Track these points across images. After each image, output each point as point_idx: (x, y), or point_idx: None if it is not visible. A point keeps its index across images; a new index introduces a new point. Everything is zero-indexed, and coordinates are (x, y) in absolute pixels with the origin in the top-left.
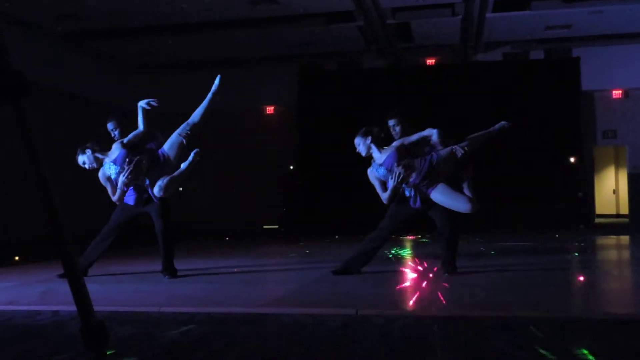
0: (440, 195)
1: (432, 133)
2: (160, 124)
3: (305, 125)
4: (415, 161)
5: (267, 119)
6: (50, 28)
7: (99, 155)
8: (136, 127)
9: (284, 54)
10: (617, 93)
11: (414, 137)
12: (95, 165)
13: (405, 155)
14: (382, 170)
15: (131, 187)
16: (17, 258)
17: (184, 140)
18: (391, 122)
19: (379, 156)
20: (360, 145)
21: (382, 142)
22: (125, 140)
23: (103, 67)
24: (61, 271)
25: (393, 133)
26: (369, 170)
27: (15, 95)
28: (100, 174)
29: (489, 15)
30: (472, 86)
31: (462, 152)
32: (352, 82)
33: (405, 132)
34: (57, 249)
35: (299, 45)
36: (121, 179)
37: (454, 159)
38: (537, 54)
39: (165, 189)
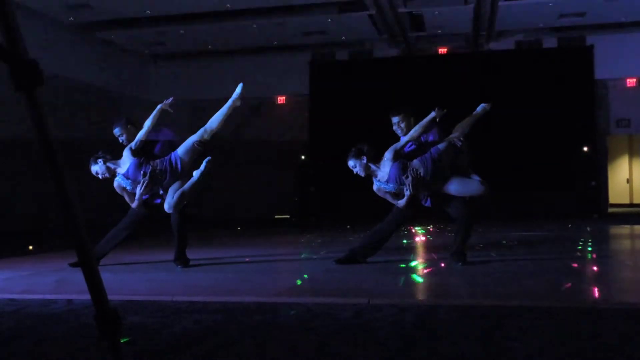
0: (454, 187)
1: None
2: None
3: (316, 115)
4: (415, 162)
5: (279, 109)
6: (62, 18)
7: (111, 165)
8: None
9: (296, 44)
10: (631, 81)
11: (405, 138)
12: (108, 175)
13: (402, 161)
14: (391, 186)
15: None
16: (31, 247)
17: (200, 148)
18: (395, 119)
19: (381, 174)
20: (357, 166)
21: (375, 158)
22: (133, 145)
23: (114, 56)
24: (74, 260)
25: (398, 130)
26: (375, 188)
27: (29, 84)
28: (115, 185)
29: (501, 3)
30: (484, 75)
31: (460, 142)
32: (364, 71)
33: (409, 128)
34: (72, 237)
35: (310, 35)
36: (138, 191)
37: (454, 149)
38: (550, 42)
39: (175, 205)
